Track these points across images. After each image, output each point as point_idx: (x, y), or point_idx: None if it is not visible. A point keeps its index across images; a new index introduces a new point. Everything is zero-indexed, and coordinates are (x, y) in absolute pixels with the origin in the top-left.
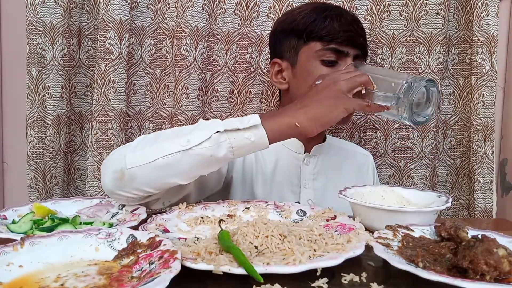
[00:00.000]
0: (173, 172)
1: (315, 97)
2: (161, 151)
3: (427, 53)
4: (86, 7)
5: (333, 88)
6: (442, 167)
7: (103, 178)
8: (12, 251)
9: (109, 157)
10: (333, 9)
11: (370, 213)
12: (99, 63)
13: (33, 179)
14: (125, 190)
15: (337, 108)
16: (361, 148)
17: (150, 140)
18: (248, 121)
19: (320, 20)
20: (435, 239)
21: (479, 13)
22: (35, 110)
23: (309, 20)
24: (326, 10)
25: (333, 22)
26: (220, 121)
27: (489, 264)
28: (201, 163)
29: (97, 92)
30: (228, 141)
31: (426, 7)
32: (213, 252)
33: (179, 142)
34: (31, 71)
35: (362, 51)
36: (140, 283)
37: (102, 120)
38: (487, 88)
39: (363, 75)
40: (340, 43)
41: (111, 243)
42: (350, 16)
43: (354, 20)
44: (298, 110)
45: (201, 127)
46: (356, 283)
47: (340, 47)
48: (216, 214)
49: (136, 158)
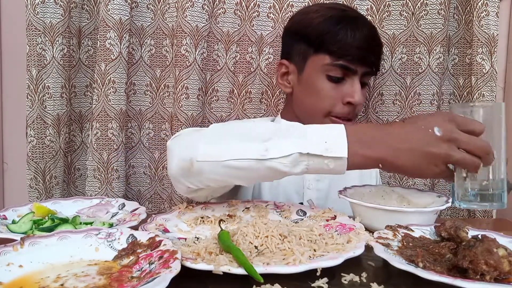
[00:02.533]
0: (242, 176)
1: (416, 143)
2: (236, 153)
3: (427, 53)
4: (86, 7)
5: (443, 146)
6: None
7: (170, 162)
8: (12, 251)
9: (180, 139)
10: (351, 20)
11: (370, 213)
12: (99, 63)
13: (33, 179)
14: (189, 181)
15: (432, 170)
16: None
17: (225, 134)
18: (334, 149)
19: (334, 33)
20: (435, 239)
21: (479, 13)
22: (35, 110)
23: (323, 30)
24: (343, 21)
25: (347, 37)
26: (302, 129)
27: (489, 264)
28: (273, 175)
29: (97, 92)
30: (306, 163)
31: (426, 7)
32: (213, 252)
33: (256, 148)
34: (31, 71)
35: (373, 68)
36: (140, 283)
37: (102, 120)
38: (487, 88)
39: (487, 145)
40: (350, 60)
41: (111, 243)
42: (367, 30)
43: (369, 35)
44: (392, 149)
45: (281, 135)
46: (356, 283)
47: (349, 64)
48: (216, 214)
49: (209, 152)
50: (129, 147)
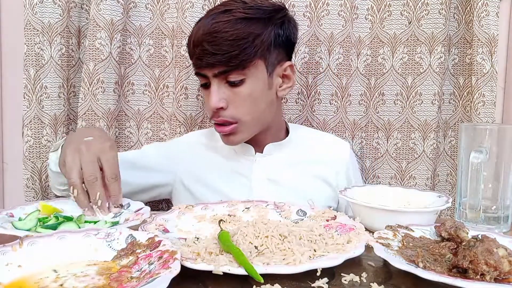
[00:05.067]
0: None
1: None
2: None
3: (428, 53)
4: (86, 6)
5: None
6: (443, 167)
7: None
8: (11, 251)
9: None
10: (196, 26)
11: (370, 213)
12: (87, 63)
13: (29, 178)
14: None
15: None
16: (334, 139)
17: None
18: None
19: (188, 44)
20: (435, 239)
21: (479, 13)
22: (32, 110)
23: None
24: (194, 30)
25: (190, 45)
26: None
27: (489, 264)
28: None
29: (84, 91)
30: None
31: (427, 7)
32: (213, 252)
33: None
34: (29, 70)
35: (227, 64)
36: (139, 283)
37: (89, 119)
38: (487, 88)
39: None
40: (196, 66)
41: (110, 243)
42: (201, 32)
43: (208, 33)
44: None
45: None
46: (356, 283)
47: (198, 71)
48: (216, 214)
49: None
50: (128, 147)
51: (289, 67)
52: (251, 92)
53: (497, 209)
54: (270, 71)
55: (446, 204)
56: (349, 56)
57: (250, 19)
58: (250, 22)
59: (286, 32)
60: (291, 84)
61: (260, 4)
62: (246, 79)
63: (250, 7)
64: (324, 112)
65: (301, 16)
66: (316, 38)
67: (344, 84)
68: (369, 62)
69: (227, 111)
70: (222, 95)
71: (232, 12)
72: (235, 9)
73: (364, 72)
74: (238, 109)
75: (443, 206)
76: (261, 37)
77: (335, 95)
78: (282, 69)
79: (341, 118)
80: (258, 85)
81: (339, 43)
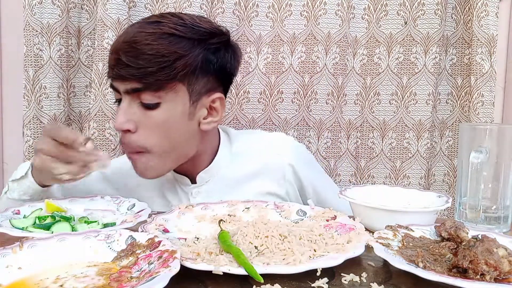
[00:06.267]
0: None
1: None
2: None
3: (423, 53)
4: (86, 7)
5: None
6: (439, 167)
7: None
8: (11, 253)
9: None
10: (123, 31)
11: (370, 213)
12: (97, 63)
13: None
14: None
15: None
16: (271, 140)
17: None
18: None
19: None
20: (435, 239)
21: (479, 13)
22: (31, 110)
23: None
24: (118, 35)
25: (110, 53)
26: None
27: (489, 264)
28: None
29: (95, 91)
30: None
31: (423, 7)
32: (213, 252)
33: None
34: (28, 71)
35: (139, 83)
36: (139, 282)
37: (99, 120)
38: (486, 88)
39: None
40: (110, 77)
41: (110, 244)
42: (122, 39)
43: (122, 43)
44: None
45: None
46: (356, 283)
47: (112, 82)
48: (216, 214)
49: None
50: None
51: (219, 99)
52: (166, 119)
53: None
54: (194, 100)
55: (446, 204)
56: (345, 55)
57: (178, 36)
58: (177, 40)
59: (221, 61)
60: (218, 119)
61: (197, 24)
62: (162, 103)
63: (183, 25)
64: (320, 112)
65: (298, 15)
66: (313, 37)
67: (340, 83)
68: (365, 61)
69: (135, 135)
70: (132, 116)
71: (161, 25)
72: (166, 22)
73: (360, 71)
74: (148, 137)
75: (443, 206)
76: (185, 58)
77: (331, 94)
78: (210, 100)
79: (337, 118)
80: (176, 113)
81: (336, 43)
